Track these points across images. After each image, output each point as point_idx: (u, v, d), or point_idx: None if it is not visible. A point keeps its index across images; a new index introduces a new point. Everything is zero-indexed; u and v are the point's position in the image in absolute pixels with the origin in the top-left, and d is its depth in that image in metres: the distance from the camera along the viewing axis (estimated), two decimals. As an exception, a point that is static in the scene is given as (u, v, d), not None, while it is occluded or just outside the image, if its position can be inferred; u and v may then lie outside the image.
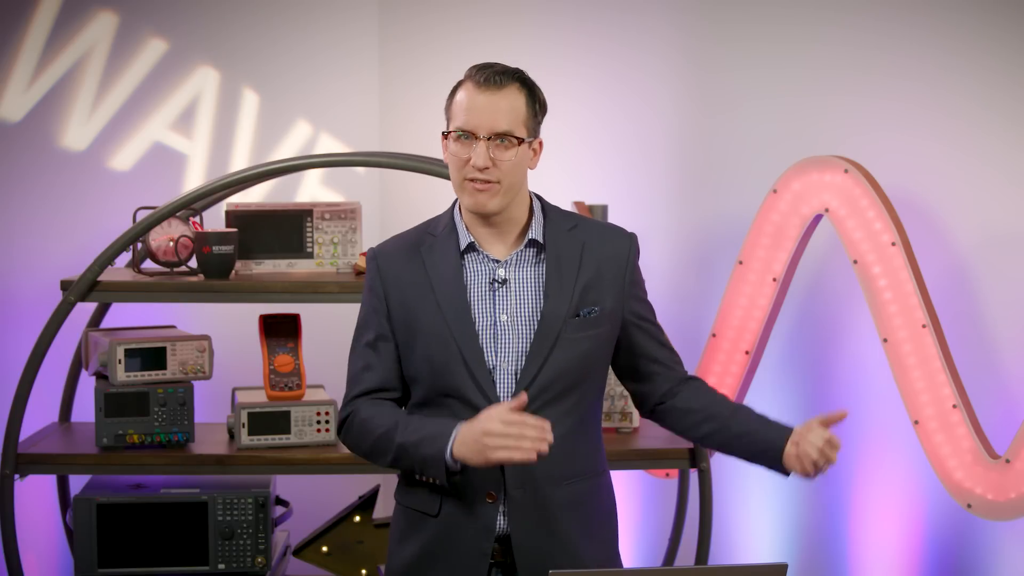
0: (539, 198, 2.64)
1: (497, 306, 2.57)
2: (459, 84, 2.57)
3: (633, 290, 2.64)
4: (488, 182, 2.51)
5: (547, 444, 2.41)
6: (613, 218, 4.11)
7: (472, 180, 2.52)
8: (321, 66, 4.64)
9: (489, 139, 2.50)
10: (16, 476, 3.46)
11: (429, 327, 2.56)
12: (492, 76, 2.52)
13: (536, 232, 2.59)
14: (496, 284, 2.57)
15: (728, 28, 4.24)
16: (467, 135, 2.51)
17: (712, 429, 2.65)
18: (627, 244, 2.65)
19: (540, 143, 2.60)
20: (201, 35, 4.49)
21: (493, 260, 2.58)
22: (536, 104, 2.57)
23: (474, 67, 2.56)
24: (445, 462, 2.47)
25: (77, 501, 3.48)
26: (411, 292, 2.59)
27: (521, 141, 2.53)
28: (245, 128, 4.57)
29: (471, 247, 2.59)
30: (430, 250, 2.60)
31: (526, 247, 2.59)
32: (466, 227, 2.59)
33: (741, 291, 3.82)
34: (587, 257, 2.60)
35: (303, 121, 4.64)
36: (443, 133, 2.57)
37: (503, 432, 2.41)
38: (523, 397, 2.45)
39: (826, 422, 2.61)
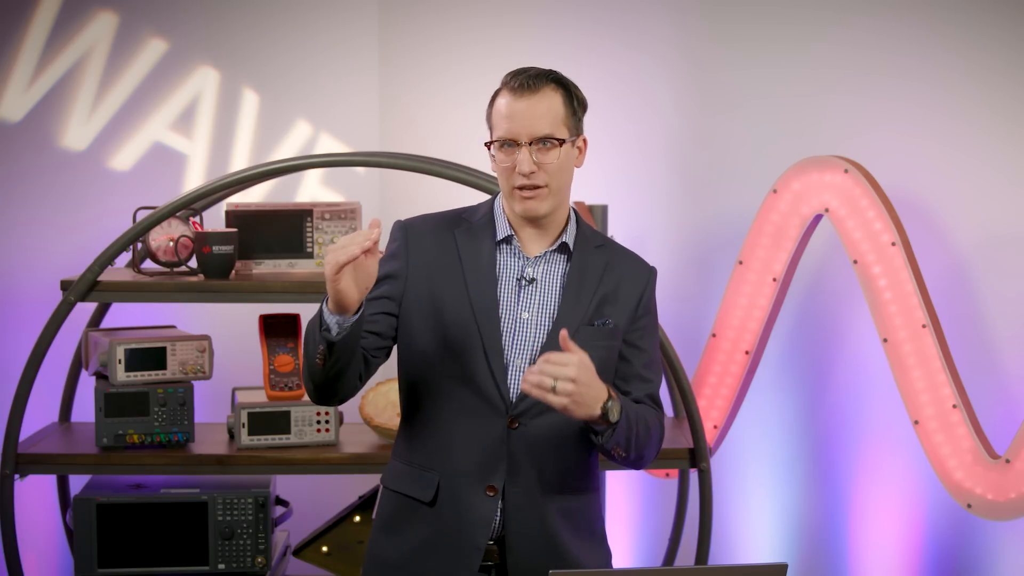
0: (575, 211, 2.67)
1: (521, 303, 2.59)
2: (496, 93, 2.59)
3: (640, 319, 2.65)
4: (536, 187, 2.53)
5: (372, 242, 2.35)
6: (613, 218, 4.11)
7: (521, 188, 2.54)
8: (321, 66, 4.64)
9: (531, 144, 2.52)
10: (16, 476, 3.46)
11: (453, 312, 2.57)
12: (526, 81, 2.54)
13: (568, 237, 2.63)
14: (524, 282, 2.59)
15: (728, 28, 4.24)
16: (510, 143, 2.53)
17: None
18: (647, 274, 2.69)
19: (584, 140, 2.63)
20: (201, 35, 4.49)
21: (525, 256, 2.60)
22: (574, 102, 2.59)
23: (509, 74, 2.57)
24: (321, 312, 2.43)
25: (77, 501, 3.48)
26: (439, 271, 2.60)
27: (563, 142, 2.55)
28: (245, 128, 4.57)
29: (507, 240, 2.61)
30: (465, 234, 2.62)
31: (556, 250, 2.62)
32: (508, 222, 2.61)
33: (741, 291, 3.82)
34: (608, 275, 2.63)
35: (303, 121, 4.64)
36: (486, 144, 2.59)
37: (339, 244, 2.37)
38: (375, 221, 2.40)
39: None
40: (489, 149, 2.59)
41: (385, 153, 4.06)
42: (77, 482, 3.82)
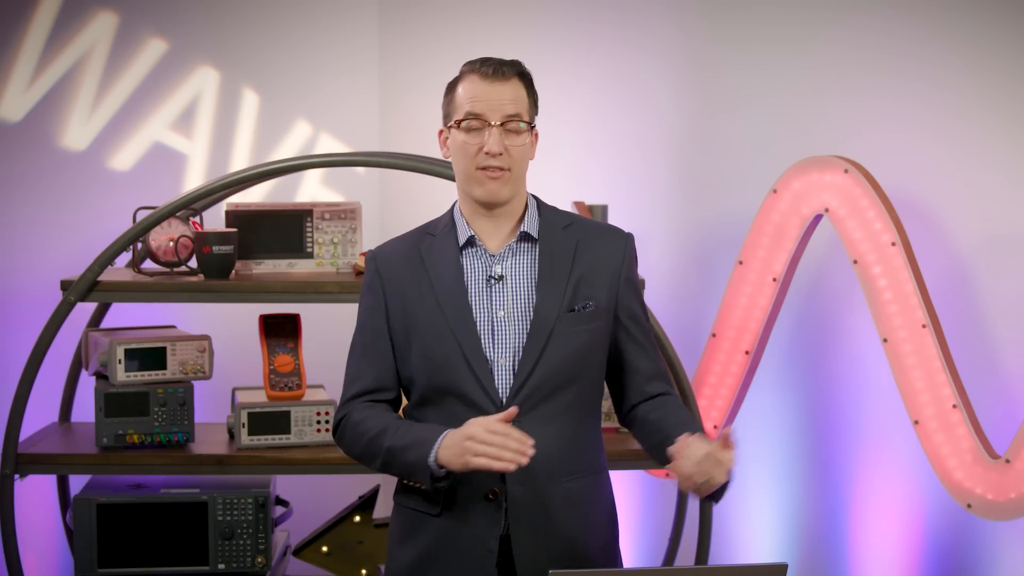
0: (535, 197, 2.67)
1: (494, 302, 2.58)
2: (457, 80, 2.60)
3: (627, 289, 2.64)
4: (501, 169, 2.54)
5: (527, 458, 2.42)
6: (613, 218, 4.11)
7: (484, 169, 2.54)
8: (321, 66, 4.64)
9: (501, 124, 2.53)
10: (16, 476, 3.46)
11: (428, 324, 2.57)
12: (498, 67, 2.56)
13: (528, 226, 2.61)
14: (493, 280, 2.58)
15: (728, 28, 4.24)
16: (477, 121, 2.54)
17: (657, 441, 2.61)
18: (623, 243, 2.66)
19: (536, 134, 2.63)
20: (201, 35, 4.49)
21: (489, 255, 2.59)
22: (534, 94, 2.62)
23: (475, 61, 2.59)
24: (429, 467, 2.48)
25: (77, 501, 3.48)
26: (410, 293, 2.60)
27: (530, 125, 2.57)
28: (245, 128, 4.57)
29: (469, 242, 2.60)
30: (429, 250, 2.62)
31: (519, 240, 2.61)
32: (466, 222, 2.61)
33: (741, 291, 3.82)
34: (581, 253, 2.61)
35: (303, 121, 4.64)
36: (446, 127, 2.60)
37: (485, 439, 2.42)
38: (513, 410, 2.46)
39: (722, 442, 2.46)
40: (444, 134, 2.60)
41: (385, 153, 4.06)
42: (77, 482, 3.82)
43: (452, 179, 3.51)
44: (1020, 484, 3.39)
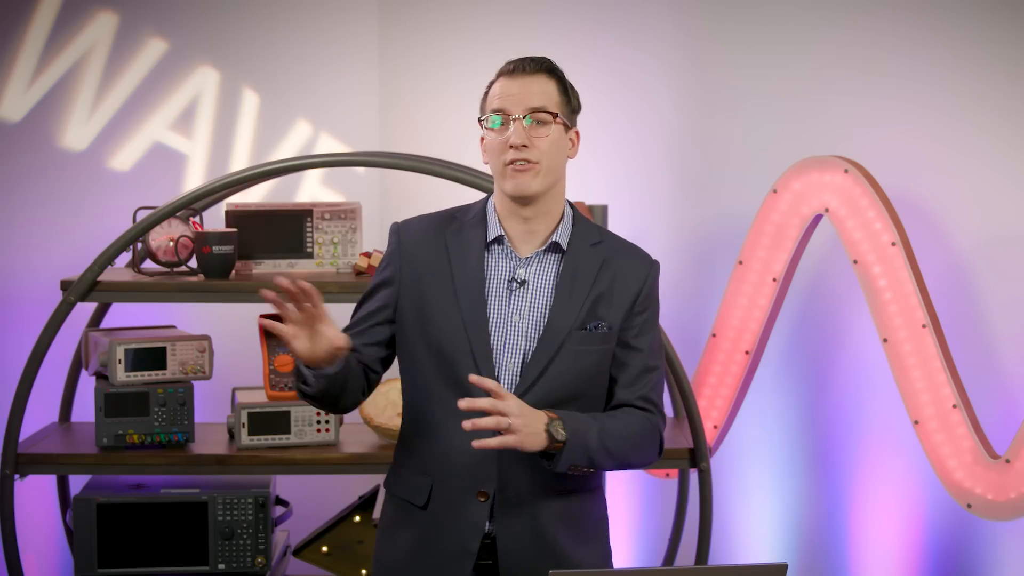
0: (572, 206, 2.65)
1: (511, 306, 2.57)
2: (489, 85, 2.60)
3: (637, 312, 2.61)
4: (528, 162, 2.52)
5: (315, 295, 2.43)
6: (613, 218, 4.11)
7: (511, 164, 2.53)
8: (321, 66, 4.64)
9: (524, 117, 2.52)
10: (16, 476, 3.46)
11: (442, 315, 2.56)
12: (520, 64, 2.56)
13: (560, 237, 2.59)
14: (515, 284, 2.58)
15: (728, 28, 4.24)
16: (502, 117, 2.53)
17: None
18: (646, 269, 2.64)
19: (577, 133, 2.62)
20: (201, 35, 4.49)
21: (516, 257, 2.58)
22: (568, 91, 2.60)
23: (505, 63, 2.60)
24: (298, 365, 2.52)
25: (77, 501, 3.48)
26: (429, 275, 2.59)
27: (555, 116, 2.54)
28: (245, 128, 4.57)
29: (498, 240, 2.59)
30: (455, 235, 2.61)
31: (547, 251, 2.59)
32: (499, 220, 2.59)
33: (741, 291, 3.82)
34: (604, 273, 2.59)
35: (303, 121, 4.64)
36: (481, 137, 2.59)
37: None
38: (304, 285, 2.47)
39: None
40: (482, 142, 2.58)
41: (385, 153, 4.06)
42: (77, 482, 3.82)
43: (452, 179, 3.54)
44: (1020, 484, 3.39)
